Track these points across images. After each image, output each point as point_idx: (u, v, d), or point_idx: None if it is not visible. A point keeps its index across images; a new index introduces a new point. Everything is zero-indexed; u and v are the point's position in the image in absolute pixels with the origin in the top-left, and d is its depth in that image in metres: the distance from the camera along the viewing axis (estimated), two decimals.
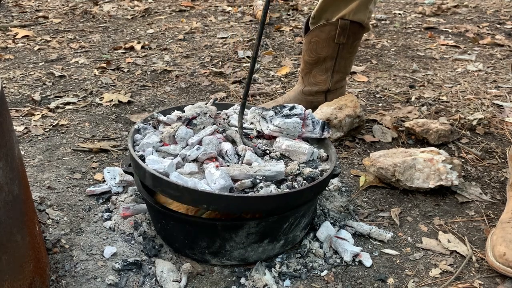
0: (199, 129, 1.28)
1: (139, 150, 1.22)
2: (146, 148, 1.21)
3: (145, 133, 1.29)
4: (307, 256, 1.22)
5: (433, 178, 1.44)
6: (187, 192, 1.06)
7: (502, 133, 1.85)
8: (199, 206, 1.08)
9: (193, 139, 1.22)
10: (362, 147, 1.77)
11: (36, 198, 1.42)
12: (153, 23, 3.39)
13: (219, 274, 1.18)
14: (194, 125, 1.28)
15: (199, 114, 1.30)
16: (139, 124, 1.32)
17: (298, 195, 1.11)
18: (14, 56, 2.71)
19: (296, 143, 1.26)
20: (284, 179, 1.16)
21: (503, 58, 2.67)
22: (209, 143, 1.20)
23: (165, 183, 1.08)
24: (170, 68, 2.53)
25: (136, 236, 1.27)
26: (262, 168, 1.14)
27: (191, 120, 1.28)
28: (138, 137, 1.28)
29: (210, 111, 1.32)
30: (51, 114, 2.01)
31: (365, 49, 2.85)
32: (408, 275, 1.18)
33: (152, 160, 1.15)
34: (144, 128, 1.31)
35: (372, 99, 2.17)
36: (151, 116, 1.36)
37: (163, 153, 1.22)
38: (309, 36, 1.80)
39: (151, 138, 1.24)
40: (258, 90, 2.25)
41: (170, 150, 1.21)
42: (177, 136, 1.23)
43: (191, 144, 1.21)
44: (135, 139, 1.27)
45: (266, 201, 1.07)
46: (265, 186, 1.10)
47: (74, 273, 1.16)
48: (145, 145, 1.22)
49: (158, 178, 1.09)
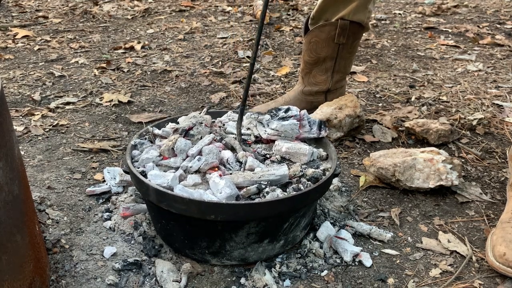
0: (197, 139, 1.26)
1: (139, 166, 1.21)
2: (146, 164, 1.20)
3: (143, 148, 1.28)
4: (307, 256, 1.22)
5: (433, 178, 1.44)
6: (193, 204, 1.06)
7: (502, 133, 1.85)
8: (207, 217, 1.07)
9: (192, 150, 1.21)
10: (362, 147, 1.77)
11: (36, 198, 1.42)
12: (153, 23, 3.39)
13: (219, 274, 1.18)
14: (191, 136, 1.27)
15: (195, 124, 1.29)
16: (135, 140, 1.30)
17: (304, 197, 1.11)
18: (14, 56, 2.71)
19: (295, 145, 1.26)
20: (289, 182, 1.16)
21: (503, 58, 2.67)
22: (210, 152, 1.19)
23: (171, 197, 1.07)
24: (170, 68, 2.53)
25: (136, 236, 1.27)
26: (265, 173, 1.14)
27: (188, 131, 1.27)
28: (135, 153, 1.27)
29: (205, 120, 1.32)
30: (51, 114, 2.01)
31: (365, 49, 2.85)
32: (408, 275, 1.18)
33: (154, 175, 1.14)
34: (140, 144, 1.30)
35: (372, 99, 2.17)
36: (146, 131, 1.35)
37: (164, 167, 1.21)
38: (309, 36, 1.80)
39: (150, 153, 1.23)
40: (258, 90, 2.25)
41: (171, 163, 1.21)
42: (177, 149, 1.22)
43: (191, 155, 1.21)
44: (133, 155, 1.26)
45: (274, 206, 1.08)
46: (271, 191, 1.11)
47: (74, 273, 1.16)
48: (145, 160, 1.21)
49: (163, 192, 1.08)
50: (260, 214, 1.09)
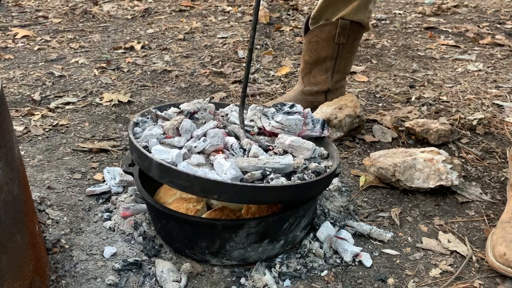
0: (201, 123, 1.26)
1: (142, 141, 1.19)
2: (150, 139, 1.18)
3: (145, 126, 1.27)
4: (307, 256, 1.22)
5: (433, 178, 1.44)
6: (197, 181, 1.03)
7: (502, 133, 1.85)
8: (209, 196, 1.05)
9: (198, 132, 1.20)
10: (362, 147, 1.77)
11: (36, 198, 1.42)
12: (153, 23, 3.39)
13: (219, 274, 1.18)
14: (196, 119, 1.26)
15: (200, 109, 1.29)
16: (137, 118, 1.29)
17: (308, 187, 1.10)
18: (14, 56, 2.71)
19: (299, 139, 1.26)
20: (293, 172, 1.15)
21: (503, 58, 2.67)
22: (215, 135, 1.19)
23: (174, 172, 1.04)
24: (170, 68, 2.53)
25: (136, 236, 1.27)
26: (271, 160, 1.14)
27: (193, 114, 1.26)
28: (137, 130, 1.25)
29: (210, 108, 1.32)
30: (51, 114, 2.01)
31: (365, 49, 2.85)
32: (408, 275, 1.18)
33: (159, 150, 1.12)
34: (143, 122, 1.29)
35: (372, 99, 2.17)
36: (148, 111, 1.33)
37: (167, 145, 1.19)
38: (309, 36, 1.80)
39: (154, 130, 1.22)
40: (258, 90, 2.25)
41: (175, 142, 1.19)
42: (182, 128, 1.21)
43: (196, 136, 1.19)
44: (135, 132, 1.24)
45: (278, 192, 1.06)
46: (275, 178, 1.10)
47: (74, 273, 1.16)
48: (149, 136, 1.20)
49: (167, 167, 1.05)
50: (263, 199, 1.07)
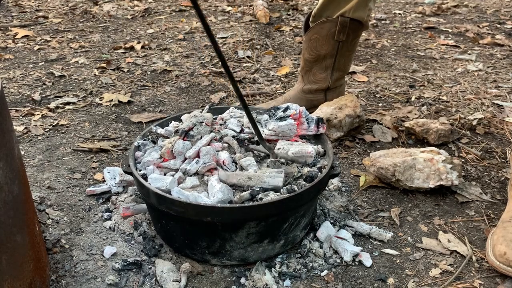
0: (197, 139, 1.29)
1: (141, 169, 1.24)
2: (147, 167, 1.23)
3: (145, 149, 1.31)
4: (307, 256, 1.22)
5: (433, 178, 1.44)
6: (190, 207, 1.08)
7: (502, 133, 1.85)
8: (204, 219, 1.09)
9: (190, 152, 1.23)
10: (362, 147, 1.77)
11: (36, 198, 1.42)
12: (153, 23, 3.39)
13: (219, 274, 1.18)
14: (191, 136, 1.29)
15: (195, 124, 1.31)
16: (138, 141, 1.33)
17: (298, 197, 1.12)
18: (14, 56, 2.71)
19: (301, 148, 1.26)
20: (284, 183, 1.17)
21: (503, 58, 2.67)
22: (207, 153, 1.22)
23: (169, 200, 1.10)
24: (170, 68, 2.53)
25: (136, 236, 1.27)
26: (260, 179, 1.16)
27: (188, 131, 1.29)
28: (139, 154, 1.30)
29: (206, 119, 1.33)
30: (51, 114, 2.01)
31: (365, 49, 2.85)
32: (408, 275, 1.18)
33: (154, 179, 1.16)
34: (143, 145, 1.33)
35: (372, 99, 2.17)
36: (149, 131, 1.38)
37: (164, 169, 1.24)
38: (309, 34, 1.81)
39: (152, 155, 1.26)
40: (258, 90, 2.25)
41: (171, 165, 1.24)
42: (175, 151, 1.24)
43: (188, 157, 1.23)
44: (136, 157, 1.29)
45: (267, 208, 1.09)
46: (264, 196, 1.12)
47: (74, 273, 1.16)
48: (146, 163, 1.24)
49: (162, 196, 1.10)
50: (254, 216, 1.10)
